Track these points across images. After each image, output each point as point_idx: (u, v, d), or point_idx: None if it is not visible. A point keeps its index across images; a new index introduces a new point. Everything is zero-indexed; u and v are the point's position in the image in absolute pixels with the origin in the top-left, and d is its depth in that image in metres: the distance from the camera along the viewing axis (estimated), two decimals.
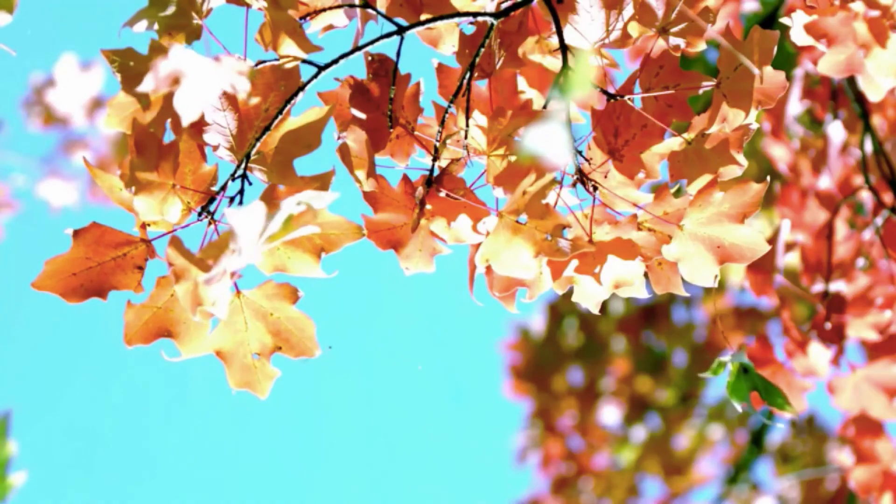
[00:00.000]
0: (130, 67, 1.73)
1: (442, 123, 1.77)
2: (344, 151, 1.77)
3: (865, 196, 2.87)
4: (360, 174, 1.74)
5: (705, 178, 1.74)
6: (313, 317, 1.72)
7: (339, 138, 1.80)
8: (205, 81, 1.51)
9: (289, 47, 1.74)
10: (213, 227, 1.70)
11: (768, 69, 1.72)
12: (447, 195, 1.74)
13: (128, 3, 1.77)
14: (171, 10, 1.74)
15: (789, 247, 2.74)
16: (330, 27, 1.86)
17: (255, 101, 1.71)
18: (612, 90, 1.80)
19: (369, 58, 1.80)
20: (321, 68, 1.74)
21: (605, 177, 1.77)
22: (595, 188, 1.76)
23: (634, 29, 1.78)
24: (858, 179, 2.90)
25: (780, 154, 3.00)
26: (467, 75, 1.78)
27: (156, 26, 1.74)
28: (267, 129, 1.69)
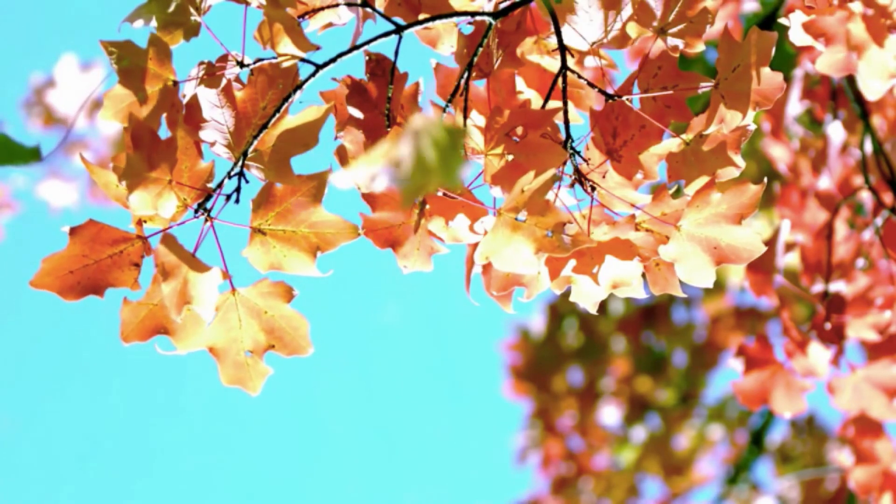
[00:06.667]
0: (129, 60, 1.72)
1: None
2: (341, 152, 1.77)
3: (865, 196, 2.87)
4: None
5: (703, 179, 1.74)
6: (312, 316, 1.72)
7: (337, 138, 1.80)
8: None
9: (287, 46, 1.74)
10: (209, 224, 1.70)
11: (766, 70, 1.72)
12: (445, 194, 1.74)
13: (128, 4, 1.77)
14: (170, 6, 1.74)
15: (789, 247, 2.73)
16: (329, 25, 1.85)
17: (253, 98, 1.71)
18: (610, 91, 1.80)
19: (367, 57, 1.80)
20: (319, 67, 1.74)
21: (604, 177, 1.77)
22: (593, 188, 1.76)
23: (633, 29, 1.78)
24: (858, 180, 2.89)
25: (779, 154, 3.00)
26: (465, 75, 1.77)
27: (154, 23, 1.74)
28: (264, 126, 1.69)
